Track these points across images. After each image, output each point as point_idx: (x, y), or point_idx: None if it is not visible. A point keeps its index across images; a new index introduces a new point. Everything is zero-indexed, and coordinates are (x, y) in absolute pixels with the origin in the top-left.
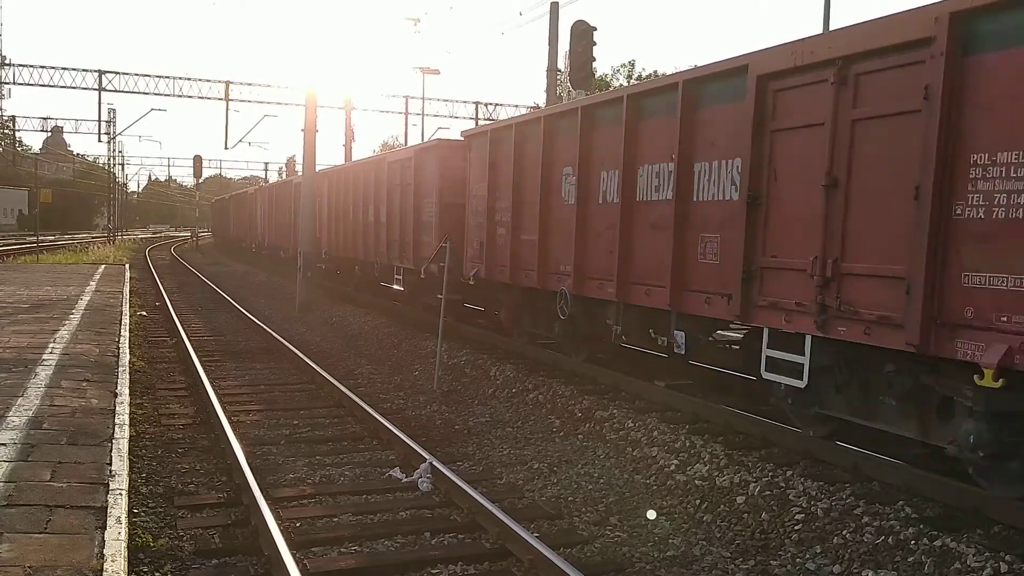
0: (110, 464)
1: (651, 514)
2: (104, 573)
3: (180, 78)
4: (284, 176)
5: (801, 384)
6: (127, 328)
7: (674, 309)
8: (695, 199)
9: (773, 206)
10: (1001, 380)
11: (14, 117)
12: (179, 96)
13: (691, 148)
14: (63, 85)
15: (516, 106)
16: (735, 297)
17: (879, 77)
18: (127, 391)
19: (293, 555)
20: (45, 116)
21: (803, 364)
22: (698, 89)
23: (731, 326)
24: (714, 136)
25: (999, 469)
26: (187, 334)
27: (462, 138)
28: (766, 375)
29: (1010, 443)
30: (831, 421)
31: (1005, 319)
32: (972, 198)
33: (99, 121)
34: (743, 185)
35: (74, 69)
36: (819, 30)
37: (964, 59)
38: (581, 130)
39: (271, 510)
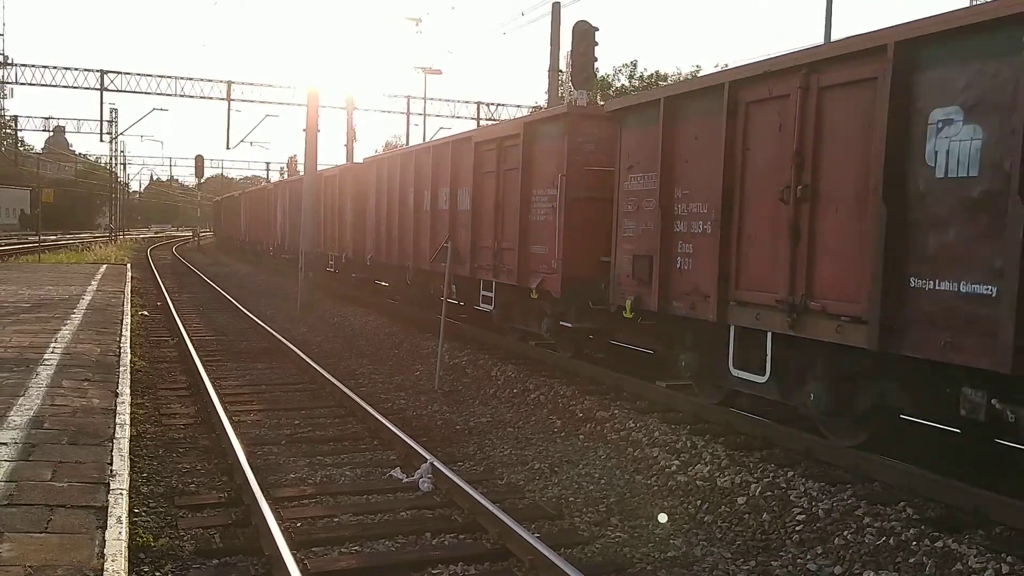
0: (111, 464)
1: (663, 517)
2: (105, 573)
3: (182, 78)
4: (286, 176)
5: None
6: (128, 328)
7: None
8: None
9: None
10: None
11: (16, 117)
12: (181, 96)
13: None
14: (65, 85)
15: (518, 106)
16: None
17: None
18: (128, 391)
19: (294, 555)
20: (47, 116)
21: None
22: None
23: None
24: None
25: None
26: (188, 334)
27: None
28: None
29: None
30: None
31: None
32: None
33: (101, 121)
34: None
35: (76, 69)
36: (821, 30)
37: None
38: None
39: (272, 510)
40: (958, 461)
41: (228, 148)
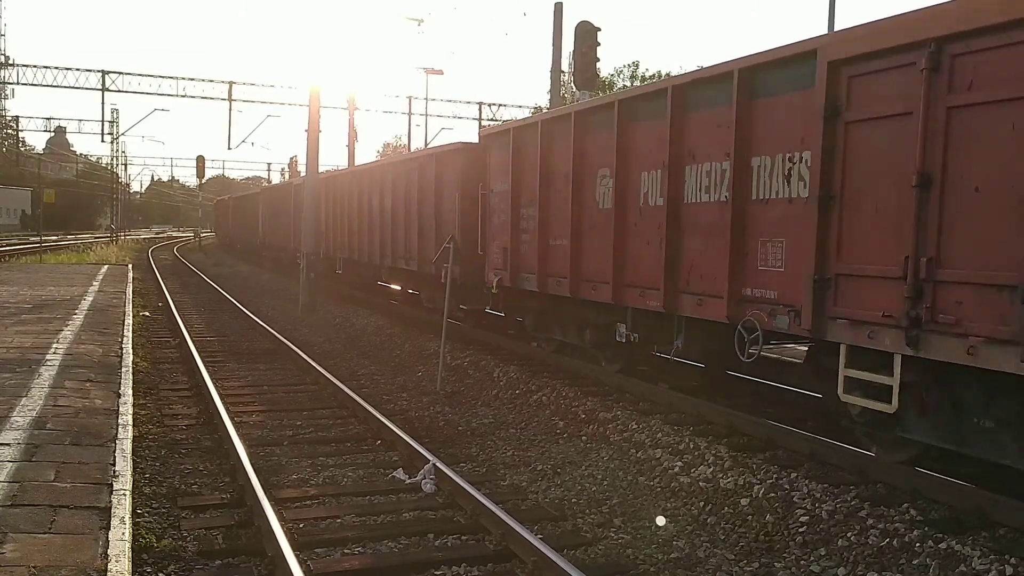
0: (114, 464)
1: (660, 520)
2: (108, 573)
3: (183, 78)
4: (287, 176)
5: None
6: (130, 328)
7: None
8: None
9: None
10: None
11: (17, 117)
12: (182, 96)
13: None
14: (66, 85)
15: (520, 107)
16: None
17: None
18: (130, 391)
19: (297, 556)
20: (48, 116)
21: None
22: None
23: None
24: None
25: None
26: (190, 335)
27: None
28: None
29: None
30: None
31: None
32: None
33: (102, 121)
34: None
35: (77, 69)
36: (823, 30)
37: None
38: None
39: (274, 511)
40: (961, 462)
41: (229, 148)
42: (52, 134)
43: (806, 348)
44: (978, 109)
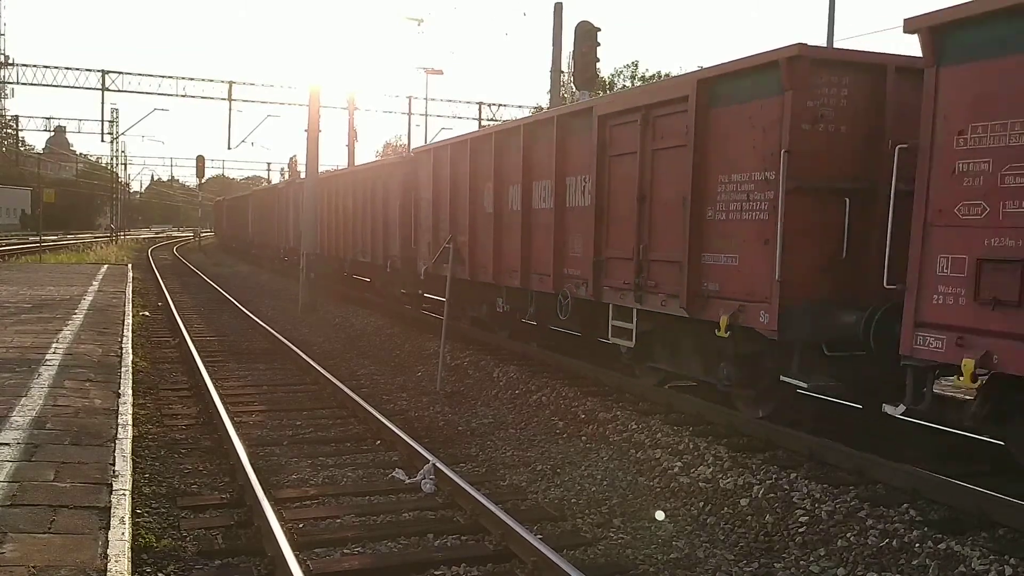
0: (113, 464)
1: (659, 515)
2: (108, 573)
3: (183, 78)
4: (286, 176)
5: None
6: (130, 328)
7: None
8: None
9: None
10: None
11: (17, 117)
12: (182, 96)
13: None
14: (66, 85)
15: (520, 107)
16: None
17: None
18: (130, 391)
19: (296, 556)
20: (48, 116)
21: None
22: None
23: None
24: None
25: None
26: (190, 334)
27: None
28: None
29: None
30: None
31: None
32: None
33: (102, 121)
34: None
35: (77, 69)
36: (823, 29)
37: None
38: None
39: (274, 511)
40: (961, 462)
41: (229, 148)
42: (52, 134)
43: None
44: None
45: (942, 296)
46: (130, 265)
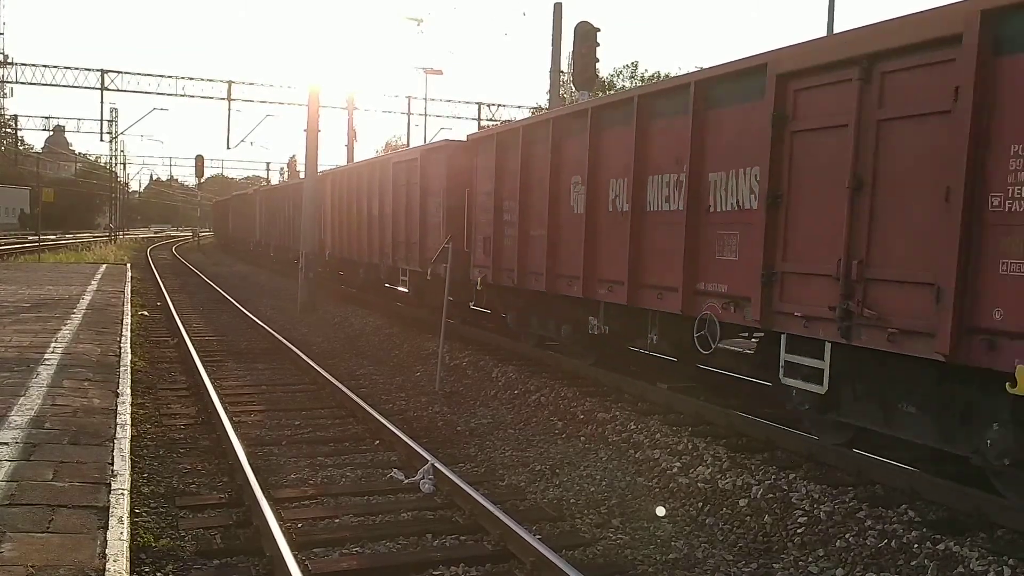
0: (112, 464)
1: (660, 511)
2: (106, 573)
3: (182, 78)
4: (286, 176)
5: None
6: (128, 328)
7: None
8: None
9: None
10: None
11: (16, 116)
12: (181, 96)
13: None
14: (65, 84)
15: (519, 107)
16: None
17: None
18: (129, 391)
19: (295, 556)
20: (47, 115)
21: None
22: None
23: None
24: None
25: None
26: (188, 334)
27: None
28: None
29: None
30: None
31: None
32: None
33: (101, 120)
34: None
35: (76, 68)
36: (823, 30)
37: None
38: None
39: (273, 511)
40: (960, 464)
41: (228, 148)
42: (51, 133)
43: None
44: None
45: None
46: (129, 265)
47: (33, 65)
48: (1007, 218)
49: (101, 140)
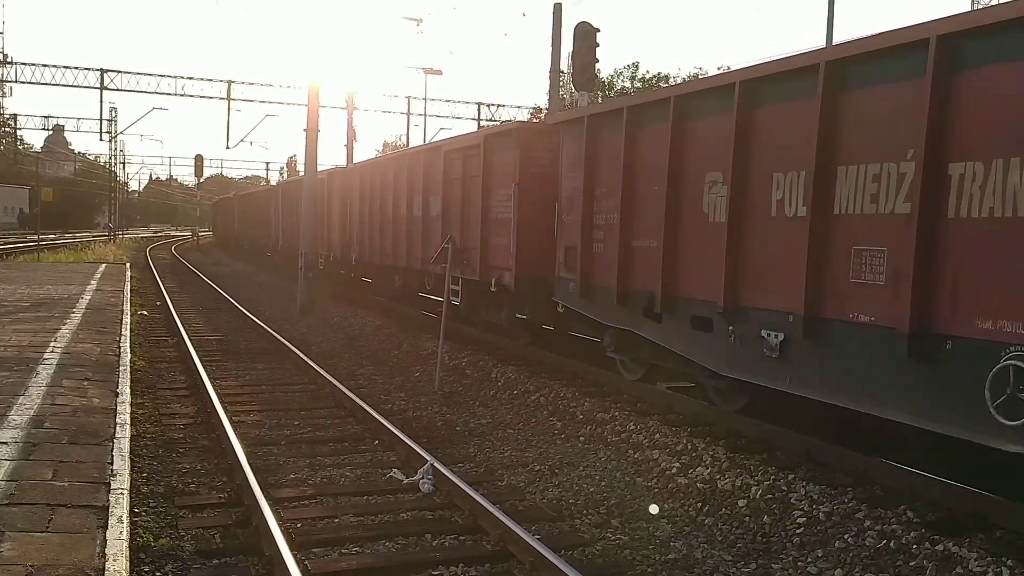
0: (111, 463)
1: (653, 508)
2: (106, 572)
3: (182, 77)
4: (285, 176)
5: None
6: (128, 327)
7: None
8: None
9: None
10: None
11: (15, 115)
12: (181, 95)
13: None
14: (65, 84)
15: (519, 107)
16: None
17: None
18: (128, 390)
19: (294, 555)
20: (47, 115)
21: None
22: None
23: None
24: None
25: None
26: (188, 334)
27: None
28: None
29: None
30: None
31: None
32: None
33: (100, 120)
34: None
35: (76, 68)
36: (823, 33)
37: None
38: None
39: (272, 510)
40: (959, 464)
41: (228, 148)
42: (50, 132)
43: None
44: None
45: None
46: (128, 264)
47: (33, 64)
48: None
49: (100, 139)
